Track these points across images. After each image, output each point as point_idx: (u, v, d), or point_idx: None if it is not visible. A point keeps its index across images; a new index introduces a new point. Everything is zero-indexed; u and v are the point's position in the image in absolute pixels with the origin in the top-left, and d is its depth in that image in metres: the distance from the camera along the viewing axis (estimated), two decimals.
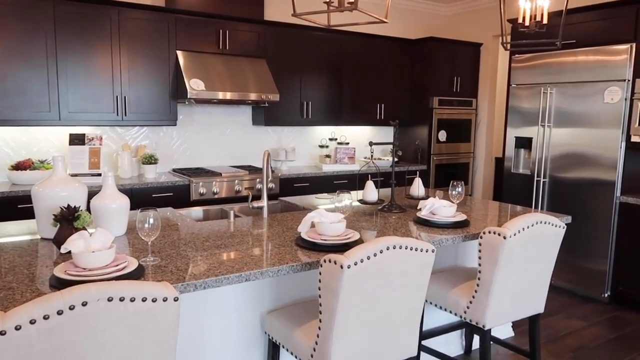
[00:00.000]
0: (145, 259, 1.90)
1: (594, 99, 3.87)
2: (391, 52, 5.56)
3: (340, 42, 5.17)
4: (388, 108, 5.63)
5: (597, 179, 3.89)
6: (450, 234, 2.44)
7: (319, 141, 5.51)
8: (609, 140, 3.79)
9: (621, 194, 3.80)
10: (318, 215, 2.20)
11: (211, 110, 4.84)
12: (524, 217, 2.29)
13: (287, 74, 4.88)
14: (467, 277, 2.64)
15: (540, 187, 4.30)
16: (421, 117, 5.71)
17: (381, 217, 2.80)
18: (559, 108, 4.13)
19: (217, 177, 4.25)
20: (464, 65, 5.86)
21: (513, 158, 4.55)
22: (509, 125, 4.55)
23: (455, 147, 5.89)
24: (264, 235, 2.33)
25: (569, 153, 4.08)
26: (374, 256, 1.77)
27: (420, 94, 5.72)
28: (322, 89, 5.13)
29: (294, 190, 4.70)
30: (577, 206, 4.04)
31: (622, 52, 3.68)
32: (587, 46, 3.93)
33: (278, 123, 4.91)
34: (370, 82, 5.45)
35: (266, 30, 4.69)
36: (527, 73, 4.36)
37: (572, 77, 4.01)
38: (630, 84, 3.70)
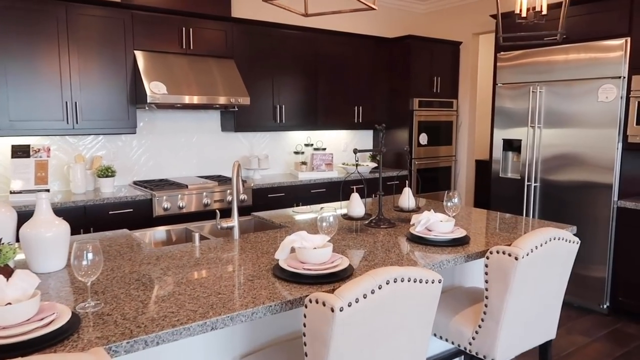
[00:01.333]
0: (83, 305, 1.50)
1: (587, 97, 3.64)
2: (368, 51, 5.26)
3: (315, 41, 4.84)
4: (366, 111, 5.32)
5: (592, 182, 3.65)
6: (451, 254, 2.12)
7: (294, 147, 5.15)
8: (604, 141, 3.56)
9: (619, 198, 3.56)
10: (299, 239, 1.84)
11: (175, 116, 4.43)
12: (535, 234, 1.99)
13: (258, 75, 4.52)
14: (469, 300, 2.32)
15: (531, 192, 4.05)
16: (401, 119, 5.42)
17: (369, 233, 2.46)
18: (549, 108, 3.88)
19: (183, 190, 3.85)
20: (444, 64, 5.60)
21: (501, 161, 4.29)
22: (496, 126, 4.29)
23: (437, 151, 5.62)
24: (234, 262, 1.96)
25: (561, 155, 3.84)
26: (372, 293, 1.43)
27: (399, 96, 5.43)
28: (296, 91, 4.78)
29: (268, 202, 4.33)
30: (571, 212, 3.79)
31: (617, 47, 3.45)
32: (578, 42, 3.69)
33: (249, 129, 4.53)
34: (346, 83, 5.13)
35: (234, 28, 4.32)
36: (514, 71, 4.10)
37: (563, 75, 3.77)
38: (625, 81, 3.48)
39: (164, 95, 3.72)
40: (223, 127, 4.65)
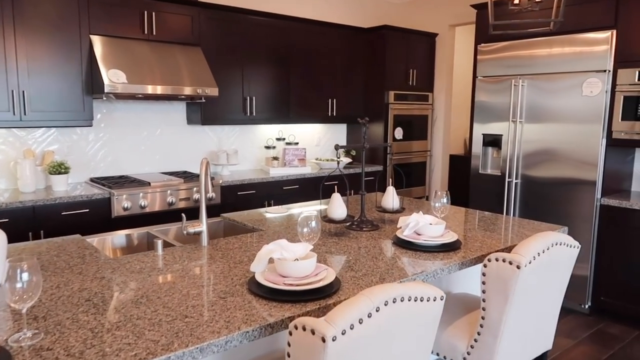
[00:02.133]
0: (18, 336, 1.23)
1: (571, 91, 3.52)
2: (343, 42, 5.03)
3: (287, 29, 4.58)
4: (340, 103, 5.10)
5: (575, 179, 3.55)
6: (444, 260, 1.93)
7: (265, 141, 4.89)
8: (588, 136, 3.46)
9: (602, 196, 3.47)
10: (278, 249, 1.61)
11: (136, 108, 4.10)
12: (536, 239, 1.82)
13: (226, 65, 4.23)
14: (461, 310, 2.14)
15: (512, 188, 3.93)
16: (376, 113, 5.23)
17: (351, 237, 2.25)
18: (531, 102, 3.76)
19: (145, 187, 3.54)
20: (420, 57, 5.44)
21: (481, 157, 4.16)
22: (476, 121, 4.15)
23: (412, 146, 5.47)
24: (203, 275, 1.71)
25: (543, 151, 3.72)
26: (369, 317, 1.22)
27: (374, 88, 5.23)
28: (267, 82, 4.52)
29: (238, 200, 4.07)
30: (553, 209, 3.69)
31: (602, 40, 3.34)
32: (563, 34, 3.57)
33: (217, 122, 4.25)
34: (320, 75, 4.90)
35: (201, 14, 4.01)
36: (495, 64, 3.96)
37: (546, 68, 3.64)
38: (611, 74, 3.37)
39: (123, 84, 3.40)
40: (189, 120, 4.34)
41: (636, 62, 3.26)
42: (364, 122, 2.39)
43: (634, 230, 3.30)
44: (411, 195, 5.58)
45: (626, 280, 3.37)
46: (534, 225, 2.55)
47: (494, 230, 2.42)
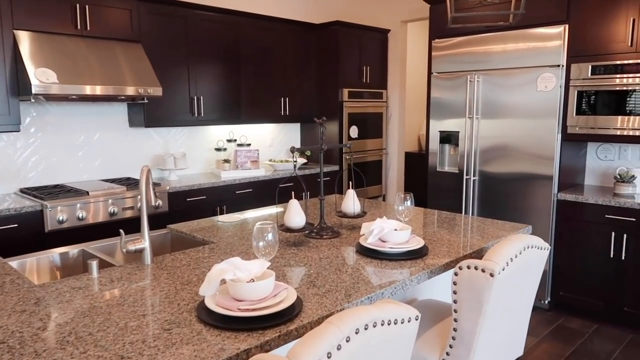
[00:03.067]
0: None
1: (526, 86, 3.50)
2: (294, 38, 4.85)
3: (236, 25, 4.35)
4: (293, 102, 4.92)
5: (532, 174, 3.53)
6: (411, 269, 1.80)
7: (215, 143, 4.65)
8: (544, 131, 3.44)
9: (559, 191, 3.47)
10: (231, 269, 1.42)
11: (72, 110, 3.76)
12: (509, 244, 1.71)
13: (170, 63, 3.96)
14: (430, 319, 2.02)
15: (470, 186, 3.88)
16: (331, 111, 5.09)
17: (311, 247, 2.08)
18: (487, 98, 3.71)
19: (83, 197, 3.24)
20: (373, 53, 5.34)
21: (438, 154, 4.09)
22: (432, 118, 4.08)
23: (367, 144, 5.37)
24: (145, 302, 1.49)
25: (500, 147, 3.68)
26: (338, 350, 1.05)
27: (328, 86, 5.09)
28: (215, 81, 4.27)
29: (187, 206, 3.81)
30: (512, 205, 3.66)
31: (555, 34, 3.33)
32: (516, 29, 3.54)
33: (162, 123, 3.97)
34: (272, 73, 4.70)
35: (140, 8, 3.72)
36: (449, 60, 3.90)
37: (501, 63, 3.61)
38: (564, 69, 3.37)
39: (53, 84, 3.08)
40: (131, 122, 4.04)
41: (589, 56, 3.27)
42: (321, 122, 2.22)
43: (588, 224, 3.31)
44: (367, 194, 5.48)
45: (583, 274, 3.38)
46: (499, 224, 2.47)
47: (459, 232, 2.32)
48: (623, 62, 3.12)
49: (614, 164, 3.67)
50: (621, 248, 3.18)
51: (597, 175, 3.77)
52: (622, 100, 3.15)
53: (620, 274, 3.20)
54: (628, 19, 3.08)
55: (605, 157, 3.70)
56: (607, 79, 3.19)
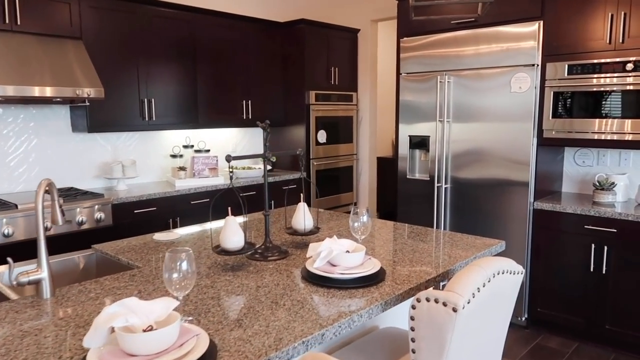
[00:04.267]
0: None
1: (499, 88, 3.26)
2: (257, 37, 4.56)
3: (192, 22, 4.03)
4: (257, 105, 4.62)
5: (507, 183, 3.29)
6: (364, 298, 1.52)
7: (171, 150, 4.31)
8: (519, 135, 3.20)
9: (535, 199, 3.23)
10: (124, 313, 1.11)
11: (2, 114, 3.40)
12: (475, 270, 1.44)
13: (117, 62, 3.63)
14: (391, 353, 1.73)
15: (441, 194, 3.62)
16: (297, 115, 4.80)
17: (251, 272, 1.78)
18: (459, 100, 3.47)
19: (9, 211, 2.89)
20: (342, 54, 5.07)
21: (408, 160, 3.83)
22: (401, 122, 3.82)
23: (337, 149, 5.09)
24: (19, 353, 1.17)
25: (473, 152, 3.44)
26: None
27: (294, 88, 4.80)
28: (169, 82, 3.95)
29: (135, 220, 3.48)
30: (486, 215, 3.42)
31: (529, 31, 3.10)
32: (488, 26, 3.31)
33: (109, 128, 3.63)
34: (232, 74, 4.39)
35: (81, 2, 3.39)
36: (419, 60, 3.65)
37: (473, 63, 3.37)
38: (539, 69, 3.14)
39: None
40: (74, 127, 3.69)
41: (565, 55, 3.05)
42: (264, 126, 1.93)
43: (567, 235, 3.08)
44: (340, 202, 5.20)
45: (562, 289, 3.15)
46: (469, 240, 2.20)
47: (423, 251, 2.04)
48: (601, 61, 2.90)
49: (593, 169, 3.46)
50: (602, 261, 2.95)
51: (575, 182, 3.55)
52: (600, 102, 2.93)
53: (601, 289, 2.98)
54: (606, 14, 2.87)
55: (584, 163, 3.49)
56: (584, 79, 2.97)
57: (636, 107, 2.81)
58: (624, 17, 2.80)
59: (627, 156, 3.31)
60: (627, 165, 3.31)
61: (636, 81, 2.79)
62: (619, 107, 2.87)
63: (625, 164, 3.32)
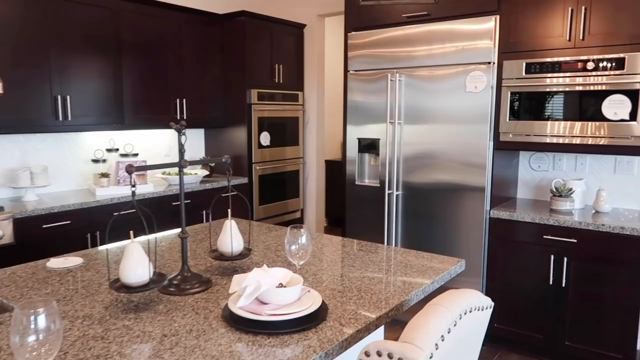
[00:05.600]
0: None
1: (454, 87, 3.02)
2: (192, 29, 4.14)
3: (114, 11, 3.57)
4: (192, 104, 4.20)
5: (463, 187, 3.06)
6: (298, 348, 1.19)
7: (93, 154, 3.82)
8: (475, 139, 2.97)
9: (491, 207, 3.01)
10: None
11: None
12: (438, 313, 1.14)
13: (20, 53, 3.13)
14: None
15: (392, 202, 3.35)
16: (237, 115, 4.42)
17: (160, 312, 1.41)
18: (411, 100, 3.21)
19: None
20: (287, 50, 4.73)
21: (357, 165, 3.54)
22: (349, 123, 3.52)
23: (282, 152, 4.75)
24: None
25: (425, 156, 3.19)
26: None
27: (234, 86, 4.42)
28: (88, 78, 3.47)
29: (44, 236, 2.99)
30: (440, 225, 3.17)
31: (485, 27, 2.87)
32: (442, 20, 3.06)
33: (12, 129, 3.12)
34: (164, 69, 3.96)
35: None
36: (368, 56, 3.36)
37: (425, 61, 3.11)
38: (496, 67, 2.92)
39: None
40: None
41: (523, 52, 2.84)
42: (179, 128, 1.56)
43: (525, 245, 2.88)
44: (287, 208, 4.86)
45: (520, 303, 2.94)
46: (424, 261, 1.92)
47: (372, 278, 1.74)
48: (560, 60, 2.71)
49: (549, 174, 3.29)
50: (561, 273, 2.76)
51: (530, 188, 3.37)
52: (559, 103, 2.74)
53: (561, 303, 2.79)
54: (565, 8, 2.68)
55: (539, 168, 3.32)
56: (543, 78, 2.77)
57: (595, 109, 2.63)
58: (585, 12, 2.62)
59: (584, 161, 3.15)
60: (584, 170, 3.16)
61: (597, 81, 2.61)
62: (578, 110, 2.69)
63: (582, 169, 3.16)
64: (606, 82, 2.58)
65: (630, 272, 2.56)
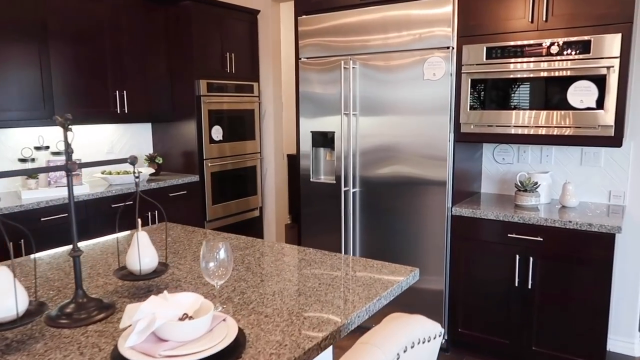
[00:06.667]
0: None
1: (411, 75, 2.79)
2: (131, 13, 3.79)
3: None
4: (134, 97, 3.86)
5: (423, 185, 2.84)
6: None
7: (19, 152, 3.45)
8: (434, 130, 2.75)
9: (453, 204, 2.80)
10: None
11: None
12: (377, 347, 0.89)
13: None
14: None
15: (349, 200, 3.11)
16: (186, 108, 4.10)
17: (35, 354, 1.12)
18: (366, 89, 2.96)
19: None
20: (239, 38, 4.43)
21: (312, 161, 3.28)
22: (302, 115, 3.26)
23: (237, 147, 4.45)
24: None
25: (383, 150, 2.95)
26: None
27: (181, 77, 4.09)
28: (9, 66, 3.10)
29: None
30: (399, 222, 2.95)
31: (443, 10, 2.64)
32: (397, 1, 2.82)
33: None
34: (100, 58, 3.60)
35: None
36: (320, 42, 3.10)
37: (380, 47, 2.87)
38: (455, 52, 2.70)
39: None
40: None
41: (483, 36, 2.63)
42: (63, 122, 1.28)
43: (489, 245, 2.68)
44: (247, 206, 4.57)
45: (484, 306, 2.75)
46: (372, 271, 1.68)
47: (309, 296, 1.49)
48: (523, 43, 2.51)
49: (513, 167, 3.10)
50: (527, 274, 2.57)
51: (494, 182, 3.19)
52: (523, 91, 2.54)
53: (527, 305, 2.60)
54: None
55: (503, 160, 3.13)
56: (504, 64, 2.56)
57: (561, 97, 2.44)
58: None
59: (549, 152, 2.97)
60: (549, 162, 2.98)
61: (562, 66, 2.42)
62: (543, 98, 2.49)
63: (547, 161, 2.99)
64: (571, 67, 2.39)
65: (599, 271, 2.39)
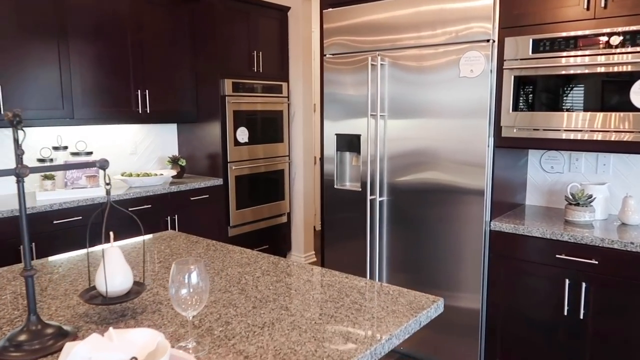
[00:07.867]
0: None
1: (445, 75, 2.49)
2: (155, 10, 3.66)
3: None
4: (157, 96, 3.73)
5: (458, 192, 2.53)
6: None
7: (38, 152, 3.38)
8: (472, 134, 2.44)
9: (492, 217, 2.48)
10: None
11: None
12: None
13: None
14: None
15: (376, 210, 2.83)
16: (210, 109, 3.94)
17: None
18: (396, 89, 2.68)
19: None
20: (268, 36, 4.23)
21: (336, 165, 3.03)
22: (326, 117, 3.02)
23: (265, 150, 4.26)
24: None
25: (413, 155, 2.66)
26: None
27: (206, 76, 3.94)
28: (28, 63, 3.02)
29: None
30: (432, 234, 2.64)
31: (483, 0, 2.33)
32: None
33: None
34: (122, 56, 3.49)
35: None
36: (346, 38, 2.85)
37: (411, 40, 2.59)
38: (496, 45, 2.38)
39: None
40: None
41: (529, 27, 2.30)
42: (12, 118, 1.08)
43: (533, 266, 2.34)
44: (272, 212, 4.37)
45: (527, 335, 2.41)
46: (387, 300, 1.41)
47: (305, 330, 1.24)
48: (577, 34, 2.16)
49: (564, 177, 2.74)
50: (579, 301, 2.22)
51: (542, 193, 2.83)
52: (575, 89, 2.19)
53: (577, 338, 2.25)
54: None
55: (552, 169, 2.77)
56: (555, 58, 2.23)
57: (621, 97, 2.09)
58: None
59: (606, 161, 2.60)
60: (607, 172, 2.61)
61: (623, 60, 2.06)
62: (600, 97, 2.14)
63: (604, 171, 2.61)
64: (634, 60, 2.03)
65: None
